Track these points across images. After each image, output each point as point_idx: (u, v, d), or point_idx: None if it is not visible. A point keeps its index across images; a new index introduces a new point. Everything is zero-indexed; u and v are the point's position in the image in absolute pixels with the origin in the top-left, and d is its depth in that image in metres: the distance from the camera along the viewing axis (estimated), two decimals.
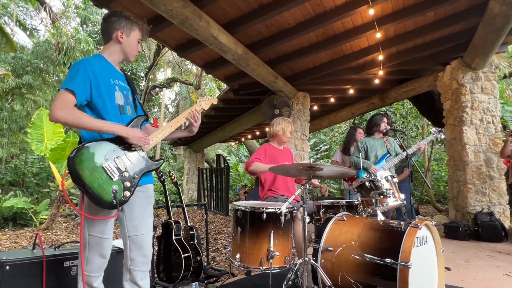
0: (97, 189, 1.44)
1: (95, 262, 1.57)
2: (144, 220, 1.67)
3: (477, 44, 4.52)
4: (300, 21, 4.15)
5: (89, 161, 1.45)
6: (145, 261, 1.66)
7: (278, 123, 2.99)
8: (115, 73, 1.67)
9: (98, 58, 1.64)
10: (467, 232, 4.54)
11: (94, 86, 1.54)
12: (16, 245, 4.57)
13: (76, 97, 1.48)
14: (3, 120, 9.97)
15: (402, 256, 1.69)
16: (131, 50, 1.71)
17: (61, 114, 1.43)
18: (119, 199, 1.48)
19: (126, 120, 1.63)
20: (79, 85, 1.49)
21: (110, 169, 1.49)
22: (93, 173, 1.44)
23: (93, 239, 1.55)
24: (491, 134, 4.93)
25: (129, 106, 1.69)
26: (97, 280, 1.60)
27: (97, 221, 1.55)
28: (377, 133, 3.87)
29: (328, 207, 2.57)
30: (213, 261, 3.63)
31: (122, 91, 1.67)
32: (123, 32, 1.66)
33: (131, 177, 1.55)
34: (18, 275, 1.81)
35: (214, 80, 16.97)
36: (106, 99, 1.58)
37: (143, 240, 1.65)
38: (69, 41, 9.56)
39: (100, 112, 1.56)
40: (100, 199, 1.44)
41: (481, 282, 2.68)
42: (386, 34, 4.71)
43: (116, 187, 1.48)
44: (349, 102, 7.64)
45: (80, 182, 1.41)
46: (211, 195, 10.01)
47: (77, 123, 1.45)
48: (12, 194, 7.51)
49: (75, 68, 1.53)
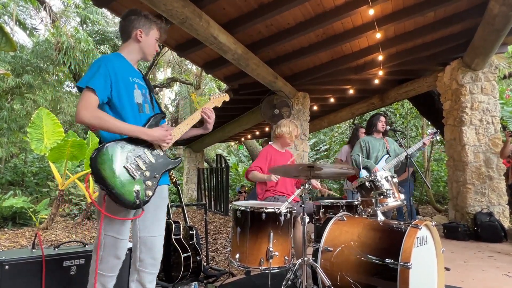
0: (120, 189, 1.42)
1: (109, 261, 1.54)
2: (157, 222, 1.66)
3: (477, 45, 4.52)
4: (300, 21, 4.15)
5: (111, 161, 1.44)
6: (154, 263, 1.65)
7: (285, 125, 2.93)
8: (133, 71, 1.66)
9: (117, 57, 1.63)
10: (467, 232, 4.54)
11: (114, 84, 1.53)
12: (16, 244, 4.57)
13: (98, 95, 1.47)
14: (3, 119, 9.95)
15: (402, 257, 1.69)
16: (149, 49, 1.71)
17: (86, 115, 1.43)
18: (142, 199, 1.47)
19: (145, 118, 1.62)
20: (100, 83, 1.48)
21: (131, 168, 1.48)
22: (115, 173, 1.43)
23: (108, 239, 1.53)
24: (490, 135, 4.93)
25: (147, 105, 1.69)
26: (111, 282, 1.58)
27: (114, 221, 1.53)
28: (376, 133, 3.87)
29: (328, 207, 2.57)
30: (212, 261, 3.63)
31: (141, 89, 1.66)
32: (142, 31, 1.66)
33: (152, 176, 1.55)
34: (17, 275, 1.80)
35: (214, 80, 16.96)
36: (125, 97, 1.57)
37: (154, 242, 1.64)
38: (69, 40, 9.55)
39: (119, 110, 1.55)
40: (124, 199, 1.43)
41: (481, 282, 2.68)
42: (386, 34, 4.71)
43: (138, 187, 1.48)
44: (349, 102, 7.64)
45: (103, 182, 1.40)
46: (210, 195, 10.01)
47: (102, 125, 1.45)
48: (12, 193, 7.50)
49: (96, 65, 1.52)
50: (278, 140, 2.99)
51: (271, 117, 5.68)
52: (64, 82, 12.86)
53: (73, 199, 8.12)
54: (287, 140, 2.93)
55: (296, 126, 2.96)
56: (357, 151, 3.80)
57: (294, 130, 2.92)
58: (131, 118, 1.57)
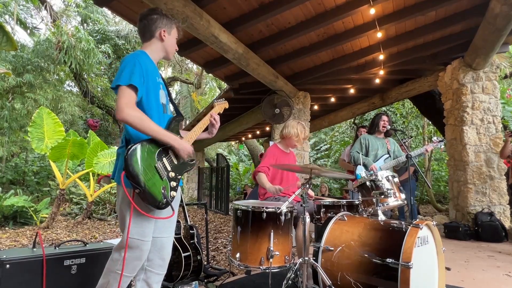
0: (151, 188, 1.44)
1: (130, 262, 1.53)
2: (169, 223, 1.67)
3: (478, 44, 4.51)
4: (301, 20, 4.14)
5: (144, 160, 1.45)
6: (162, 264, 1.65)
7: (293, 126, 2.85)
8: (157, 71, 1.66)
9: (146, 55, 1.61)
10: (467, 232, 4.54)
11: (146, 83, 1.53)
12: (17, 243, 4.57)
13: (138, 93, 1.48)
14: (4, 118, 9.96)
15: (403, 256, 1.69)
16: (171, 48, 1.72)
17: (130, 113, 1.42)
18: (168, 199, 1.49)
19: (167, 118, 1.64)
20: (139, 80, 1.48)
21: (160, 168, 1.50)
22: (147, 171, 1.45)
23: (133, 242, 1.51)
24: (491, 134, 4.92)
25: (170, 105, 1.72)
26: (128, 281, 1.57)
27: (141, 223, 1.52)
28: (378, 132, 3.87)
29: (328, 207, 2.56)
30: (213, 260, 3.63)
31: (164, 90, 1.68)
32: (165, 31, 1.66)
33: (176, 177, 1.57)
34: (18, 274, 1.81)
35: (214, 79, 16.96)
36: (153, 97, 1.57)
37: (163, 243, 1.65)
38: (69, 40, 9.55)
39: (146, 110, 1.54)
40: (154, 198, 1.44)
41: (481, 282, 2.67)
42: (387, 34, 4.70)
43: (164, 186, 1.50)
44: (350, 101, 7.63)
45: (137, 180, 1.40)
46: (211, 194, 10.01)
47: (141, 126, 1.44)
48: (13, 192, 7.51)
49: (131, 62, 1.50)
50: (284, 141, 2.94)
51: (272, 117, 5.68)
52: (65, 81, 12.86)
53: (73, 198, 8.12)
54: (294, 141, 2.87)
55: (304, 127, 2.90)
56: (357, 148, 3.80)
57: (302, 132, 2.85)
58: (156, 118, 1.57)
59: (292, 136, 2.84)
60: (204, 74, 14.79)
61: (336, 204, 2.57)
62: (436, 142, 3.71)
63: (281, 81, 5.34)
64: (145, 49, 1.66)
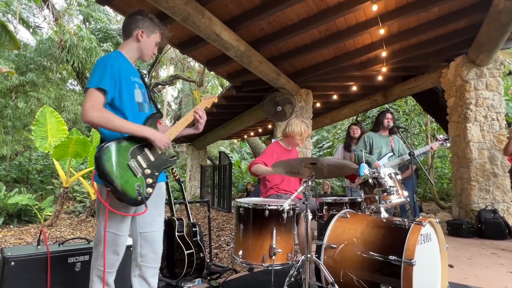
0: (124, 185, 1.46)
1: (108, 258, 1.58)
2: (156, 217, 1.70)
3: (482, 41, 4.47)
4: (303, 17, 4.12)
5: (115, 159, 1.47)
6: (155, 258, 1.69)
7: (296, 124, 2.85)
8: (134, 70, 1.68)
9: (119, 56, 1.65)
10: (471, 229, 4.52)
11: (118, 84, 1.56)
12: (21, 241, 4.62)
13: (107, 96, 1.50)
14: (7, 117, 10.02)
15: (406, 254, 1.68)
16: (147, 50, 1.73)
17: (93, 114, 1.45)
18: (143, 196, 1.51)
19: (144, 116, 1.66)
20: (108, 83, 1.51)
21: (134, 166, 1.52)
22: (119, 170, 1.47)
23: (109, 235, 1.56)
24: (495, 131, 4.89)
25: (147, 104, 1.72)
26: (111, 277, 1.61)
27: (114, 218, 1.56)
28: (382, 130, 3.86)
29: (331, 204, 2.56)
30: (215, 258, 3.64)
31: (141, 88, 1.69)
32: (144, 32, 1.68)
33: (152, 174, 1.58)
34: (23, 271, 1.82)
35: (216, 77, 16.96)
36: (127, 96, 1.60)
37: (154, 237, 1.68)
38: (72, 38, 9.58)
39: (120, 109, 1.58)
40: (127, 195, 1.46)
41: (485, 280, 2.67)
42: (390, 31, 4.67)
43: (139, 183, 1.52)
44: (352, 99, 7.60)
45: (109, 179, 1.43)
46: (213, 192, 10.04)
47: (108, 124, 1.47)
48: (17, 191, 7.57)
49: (101, 65, 1.53)
50: (287, 139, 2.93)
51: (274, 114, 5.67)
52: (67, 80, 12.92)
53: (77, 196, 8.18)
54: (297, 140, 2.87)
55: (308, 126, 2.90)
56: (361, 146, 3.80)
57: (305, 131, 2.85)
58: (131, 117, 1.60)
59: (296, 134, 2.84)
60: (206, 72, 14.78)
61: (339, 202, 2.57)
62: (441, 140, 3.67)
63: (283, 78, 5.32)
64: (122, 48, 1.70)
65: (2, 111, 10.15)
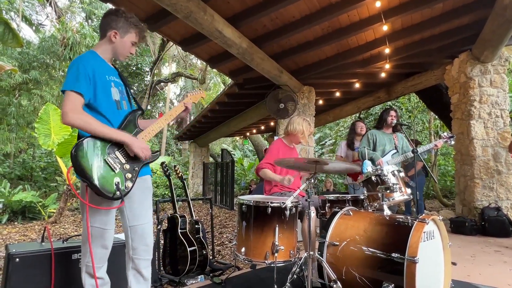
0: (100, 180, 1.47)
1: (97, 252, 1.60)
2: (144, 210, 1.71)
3: (487, 37, 4.43)
4: (306, 14, 4.10)
5: (91, 155, 1.49)
6: (147, 249, 1.71)
7: (298, 123, 2.87)
8: (109, 69, 1.69)
9: (93, 55, 1.65)
10: (474, 227, 4.51)
11: (93, 84, 1.56)
12: (25, 238, 4.65)
13: (84, 97, 1.52)
14: (11, 115, 10.08)
15: (409, 251, 1.68)
16: (122, 51, 1.72)
17: (73, 117, 1.47)
18: (122, 190, 1.53)
19: (123, 114, 1.66)
20: (84, 85, 1.52)
21: (111, 161, 1.53)
22: (96, 166, 1.48)
23: (95, 230, 1.59)
24: (499, 128, 4.86)
25: (125, 101, 1.73)
26: (99, 270, 1.63)
27: (99, 213, 1.59)
28: (386, 127, 3.85)
29: (333, 202, 2.56)
30: (218, 255, 3.66)
31: (118, 86, 1.70)
32: (117, 33, 1.67)
33: (132, 169, 1.60)
34: (27, 267, 1.84)
35: (218, 75, 16.93)
36: (103, 95, 1.61)
37: (144, 230, 1.69)
38: (74, 36, 9.59)
39: (98, 109, 1.59)
40: (104, 190, 1.48)
41: (488, 277, 2.66)
42: (393, 27, 4.63)
43: (118, 179, 1.53)
44: (355, 96, 7.57)
45: (84, 175, 1.45)
46: (216, 189, 10.06)
47: (87, 127, 1.49)
48: (21, 188, 7.62)
49: (75, 67, 1.54)
50: (288, 137, 2.96)
51: (276, 112, 5.66)
52: None
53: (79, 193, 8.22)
54: (299, 138, 2.89)
55: (310, 124, 2.92)
56: (364, 143, 3.79)
57: (307, 129, 2.87)
58: (110, 115, 1.61)
59: (298, 133, 2.86)
60: (208, 69, 14.76)
61: (341, 199, 2.57)
62: (445, 137, 3.63)
63: (285, 75, 5.30)
64: (97, 48, 1.70)
65: (5, 109, 10.21)
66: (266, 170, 2.75)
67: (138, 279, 1.68)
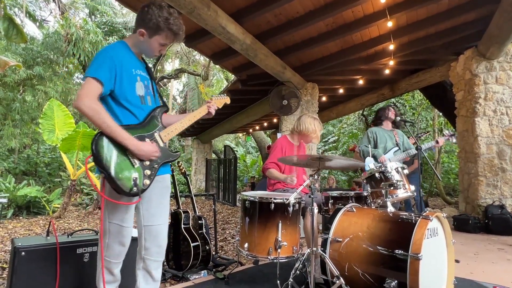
0: (118, 173, 1.44)
1: (114, 248, 1.59)
2: (160, 210, 1.68)
3: (493, 33, 4.38)
4: (310, 10, 4.07)
5: (112, 146, 1.46)
6: (159, 251, 1.68)
7: (310, 122, 2.78)
8: (136, 63, 1.66)
9: (123, 46, 1.62)
10: (477, 224, 4.49)
11: (118, 76, 1.53)
12: (30, 232, 4.70)
13: (103, 86, 1.47)
14: (16, 111, 10.14)
15: (413, 248, 1.68)
16: (148, 50, 1.67)
17: (85, 102, 1.41)
18: (139, 187, 1.49)
19: (147, 110, 1.64)
20: (106, 74, 1.48)
21: (131, 156, 1.50)
22: (115, 157, 1.45)
23: (113, 227, 1.56)
24: (504, 126, 4.82)
25: (149, 96, 1.69)
26: (117, 267, 1.62)
27: (118, 209, 1.55)
28: (385, 124, 3.84)
29: (336, 198, 2.56)
30: (221, 250, 3.67)
31: (143, 81, 1.67)
32: (145, 33, 1.61)
33: (151, 165, 1.56)
34: (33, 261, 1.86)
35: (222, 71, 16.91)
36: (128, 89, 1.57)
37: (158, 231, 1.66)
38: (78, 32, 9.60)
39: (121, 102, 1.56)
40: (122, 185, 1.43)
41: (491, 275, 2.65)
42: (398, 23, 4.59)
43: (136, 174, 1.49)
44: (358, 93, 7.53)
45: (103, 165, 1.41)
46: (219, 185, 10.09)
47: (95, 119, 1.42)
48: (26, 183, 7.69)
49: (102, 56, 1.51)
50: (297, 135, 2.89)
51: (280, 108, 5.64)
52: (74, 73, 12.98)
53: (84, 189, 8.28)
54: (311, 138, 2.81)
55: (320, 123, 2.85)
56: (365, 142, 3.76)
57: (319, 128, 2.80)
58: (134, 109, 1.58)
59: (310, 133, 2.80)
60: (212, 66, 14.73)
61: (344, 196, 2.56)
62: (447, 135, 3.63)
63: (289, 72, 5.28)
64: (128, 39, 1.67)
65: (10, 105, 10.27)
66: (272, 170, 2.71)
67: (147, 280, 1.66)
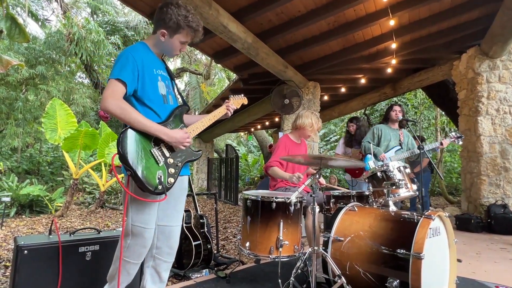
0: (144, 171, 1.43)
1: (136, 250, 1.57)
2: (176, 212, 1.69)
3: (496, 32, 4.35)
4: (311, 8, 4.06)
5: (138, 143, 1.46)
6: (170, 252, 1.68)
7: (307, 116, 2.85)
8: (157, 63, 1.67)
9: (144, 48, 1.63)
10: (479, 224, 4.48)
11: (141, 76, 1.54)
12: (33, 231, 4.72)
13: (127, 87, 1.49)
14: (18, 110, 10.17)
15: (415, 247, 1.67)
16: (170, 50, 1.68)
17: (112, 103, 1.43)
18: (164, 185, 1.49)
19: (169, 109, 1.65)
20: (129, 75, 1.49)
21: (156, 153, 1.51)
22: (141, 155, 1.45)
23: (136, 229, 1.54)
24: (507, 125, 4.79)
25: (171, 96, 1.71)
26: (135, 268, 1.60)
27: (142, 211, 1.54)
28: (391, 123, 3.83)
29: (338, 197, 2.56)
30: (222, 249, 3.68)
31: (164, 80, 1.68)
32: (166, 33, 1.62)
33: (175, 164, 1.57)
34: (35, 259, 1.87)
35: (223, 70, 16.90)
36: (150, 89, 1.58)
37: (172, 232, 1.67)
38: (80, 31, 9.61)
39: (145, 102, 1.57)
40: (147, 182, 1.43)
41: (493, 274, 2.64)
42: (400, 22, 4.57)
43: (161, 172, 1.49)
44: (360, 92, 7.51)
45: (128, 163, 1.40)
46: (220, 184, 10.09)
47: (124, 116, 1.45)
48: (28, 182, 7.72)
49: (124, 57, 1.52)
50: (296, 131, 2.94)
51: (281, 107, 5.64)
52: (76, 73, 13.01)
53: (86, 188, 8.31)
54: (307, 132, 2.87)
55: (318, 118, 2.91)
56: (369, 138, 3.78)
57: (316, 123, 2.86)
58: (157, 109, 1.59)
59: (306, 126, 2.84)
60: (213, 65, 14.73)
61: (346, 195, 2.56)
62: (454, 137, 3.56)
63: (290, 71, 5.28)
64: (148, 40, 1.68)
65: (13, 104, 10.30)
66: (275, 168, 2.72)
67: (155, 279, 1.66)
